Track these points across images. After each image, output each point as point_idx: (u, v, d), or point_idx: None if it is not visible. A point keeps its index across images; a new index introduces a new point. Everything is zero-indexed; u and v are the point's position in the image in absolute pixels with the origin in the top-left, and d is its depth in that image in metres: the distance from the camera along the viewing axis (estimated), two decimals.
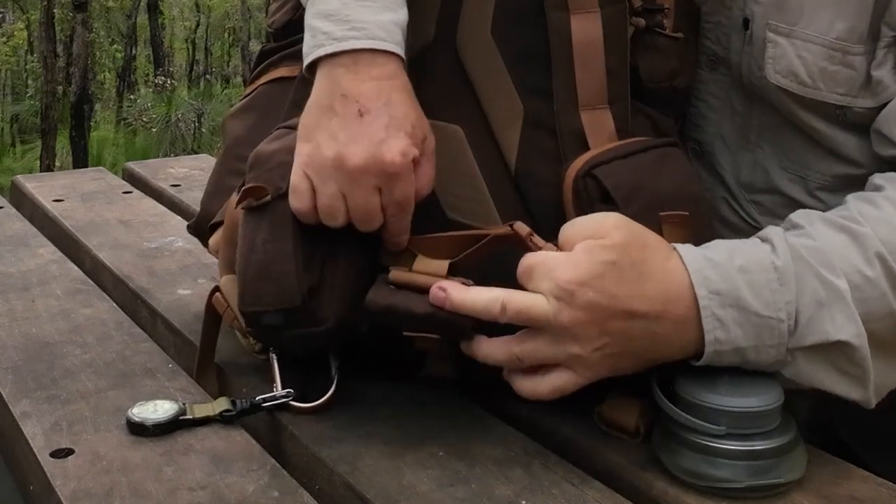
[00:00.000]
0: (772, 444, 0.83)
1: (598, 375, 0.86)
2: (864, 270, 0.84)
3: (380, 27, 0.88)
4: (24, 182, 1.85)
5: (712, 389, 0.85)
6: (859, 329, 0.84)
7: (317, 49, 0.88)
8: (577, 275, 0.82)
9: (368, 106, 0.86)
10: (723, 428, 0.83)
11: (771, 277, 0.84)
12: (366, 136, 0.85)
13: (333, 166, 0.86)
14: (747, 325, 0.83)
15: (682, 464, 0.85)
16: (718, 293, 0.83)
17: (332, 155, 0.86)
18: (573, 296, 0.81)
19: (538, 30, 0.93)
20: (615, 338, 0.83)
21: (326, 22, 0.88)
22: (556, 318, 0.82)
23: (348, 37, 0.87)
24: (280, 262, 0.89)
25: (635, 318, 0.83)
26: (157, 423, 0.93)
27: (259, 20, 15.54)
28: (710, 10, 1.03)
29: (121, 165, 2.52)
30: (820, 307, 0.84)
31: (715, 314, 0.83)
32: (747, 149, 1.05)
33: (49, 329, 1.18)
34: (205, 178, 1.24)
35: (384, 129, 0.86)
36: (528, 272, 0.84)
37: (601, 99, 0.95)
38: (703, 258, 0.85)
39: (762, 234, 0.89)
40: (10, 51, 14.65)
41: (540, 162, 0.94)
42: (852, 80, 0.93)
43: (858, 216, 0.87)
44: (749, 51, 0.99)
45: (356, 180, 0.86)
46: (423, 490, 0.85)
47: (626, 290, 0.82)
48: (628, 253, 0.84)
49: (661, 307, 0.83)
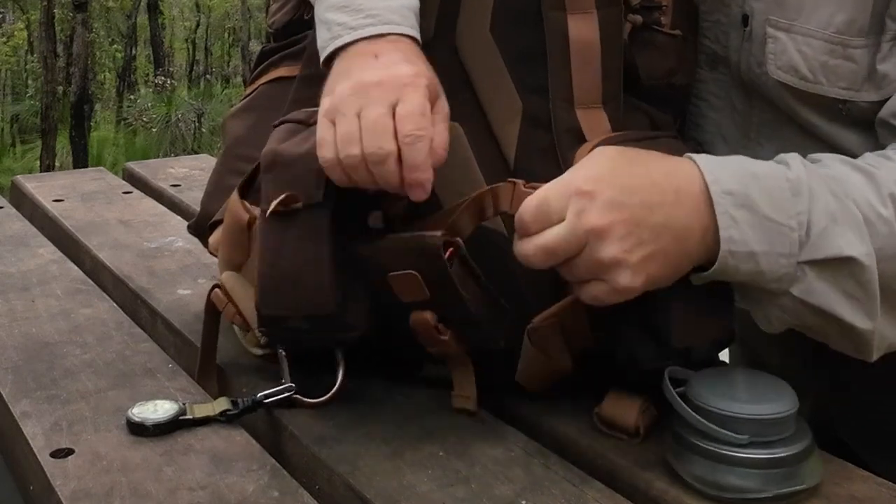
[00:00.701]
0: (793, 450, 0.83)
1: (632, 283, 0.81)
2: (877, 208, 0.84)
3: (393, 12, 0.89)
4: (24, 182, 1.85)
5: (731, 397, 0.83)
6: (869, 249, 0.83)
7: (334, 40, 0.90)
8: (590, 174, 0.81)
9: (384, 52, 0.88)
10: (746, 437, 0.82)
11: (783, 186, 0.83)
12: (380, 66, 0.87)
13: (350, 93, 0.86)
14: (759, 228, 0.82)
15: (703, 475, 0.83)
16: (731, 193, 0.82)
17: (348, 86, 0.86)
18: (593, 196, 0.80)
19: (537, 28, 0.94)
20: (642, 232, 0.81)
21: (340, 13, 0.90)
22: (582, 221, 0.80)
23: (364, 24, 0.89)
24: (314, 271, 0.89)
25: (654, 209, 0.81)
26: (157, 423, 0.93)
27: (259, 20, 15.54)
28: (708, 9, 1.03)
29: (121, 165, 2.52)
30: (833, 222, 0.83)
31: (729, 212, 0.82)
32: (747, 147, 1.05)
33: (49, 329, 1.18)
34: (205, 178, 1.24)
35: (399, 62, 0.87)
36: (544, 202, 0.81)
37: (596, 98, 0.95)
38: (715, 161, 0.85)
39: (777, 158, 0.88)
40: (10, 51, 14.65)
41: (539, 159, 0.95)
42: (854, 74, 0.93)
43: (874, 162, 0.88)
44: (748, 48, 0.99)
45: (371, 96, 0.85)
46: (423, 490, 0.85)
47: (638, 182, 0.82)
48: (626, 153, 0.84)
49: (674, 196, 0.82)
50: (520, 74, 0.95)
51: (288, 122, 0.97)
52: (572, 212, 0.80)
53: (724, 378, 0.87)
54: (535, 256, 0.82)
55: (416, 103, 0.85)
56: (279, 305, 0.91)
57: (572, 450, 0.93)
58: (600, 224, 0.79)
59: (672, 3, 0.99)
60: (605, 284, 0.81)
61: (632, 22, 0.96)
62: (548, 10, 0.93)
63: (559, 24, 0.94)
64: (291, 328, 0.92)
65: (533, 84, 0.95)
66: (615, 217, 0.80)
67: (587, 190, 0.80)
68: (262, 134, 1.08)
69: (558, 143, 0.95)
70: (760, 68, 0.98)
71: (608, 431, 0.93)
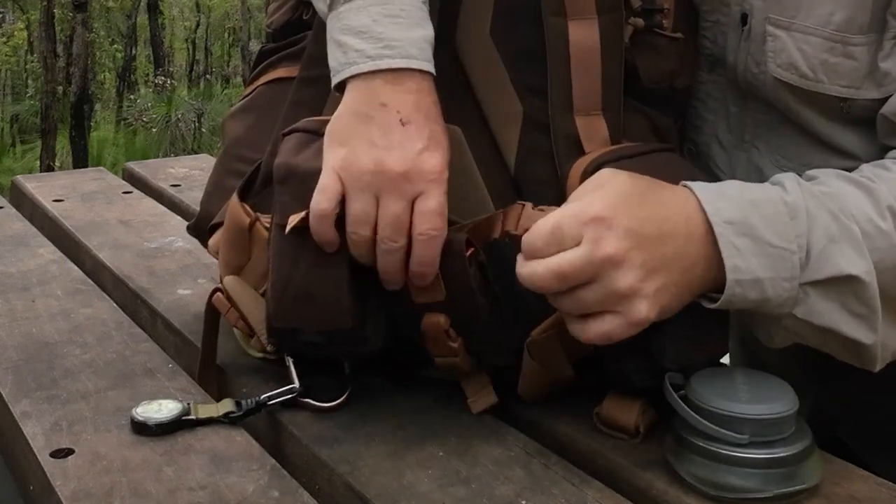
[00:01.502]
0: (794, 450, 0.83)
1: (647, 315, 0.81)
2: (876, 221, 0.85)
3: (412, 45, 0.87)
4: (24, 182, 1.85)
5: (732, 397, 0.84)
6: (869, 266, 0.84)
7: (350, 66, 0.88)
8: (605, 204, 0.80)
9: (410, 116, 0.86)
10: (746, 437, 0.82)
11: (781, 211, 0.84)
12: (408, 143, 0.85)
13: (372, 172, 0.84)
14: (762, 255, 0.82)
15: (703, 475, 0.83)
16: (732, 222, 0.83)
17: (370, 160, 0.84)
18: (611, 224, 0.79)
19: (537, 31, 0.93)
20: (656, 262, 0.81)
21: (357, 39, 0.87)
22: (599, 248, 0.79)
23: (383, 55, 0.86)
24: (332, 288, 0.88)
25: (666, 239, 0.81)
26: (159, 422, 0.93)
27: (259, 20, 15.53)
28: (708, 9, 1.03)
29: (121, 165, 2.52)
30: (832, 241, 0.83)
31: (732, 242, 0.82)
32: (742, 148, 1.05)
33: (49, 329, 1.18)
34: (205, 178, 1.24)
35: (426, 139, 0.86)
36: (557, 228, 0.80)
37: (595, 105, 0.95)
38: (714, 191, 0.84)
39: (773, 179, 0.89)
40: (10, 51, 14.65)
41: (539, 162, 0.95)
42: (855, 72, 0.93)
43: (872, 175, 0.88)
44: (746, 47, 0.99)
45: (395, 186, 0.84)
46: (423, 490, 0.85)
47: (650, 212, 0.82)
48: (637, 183, 0.84)
49: (684, 228, 0.82)
50: (520, 76, 0.94)
51: (298, 131, 0.95)
52: (589, 238, 0.79)
53: (724, 378, 0.87)
54: (544, 279, 0.81)
55: (436, 202, 0.85)
56: (293, 319, 0.90)
57: (572, 450, 0.93)
58: (618, 252, 0.79)
59: (674, 6, 0.99)
60: (618, 318, 0.81)
61: (633, 25, 0.96)
62: (548, 15, 0.93)
63: (560, 30, 0.93)
64: (305, 342, 0.92)
65: (531, 85, 0.94)
66: (631, 246, 0.79)
67: (604, 217, 0.80)
68: (261, 134, 1.08)
69: (556, 149, 0.94)
70: (759, 67, 0.98)
71: (608, 431, 0.93)
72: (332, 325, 0.89)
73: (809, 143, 1.00)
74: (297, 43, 1.14)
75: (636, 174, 0.85)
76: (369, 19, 0.87)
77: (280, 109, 1.05)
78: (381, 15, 0.87)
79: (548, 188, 0.94)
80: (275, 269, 0.90)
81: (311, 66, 1.04)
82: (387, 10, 0.88)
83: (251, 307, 1.00)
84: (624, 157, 0.92)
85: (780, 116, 1.00)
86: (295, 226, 0.88)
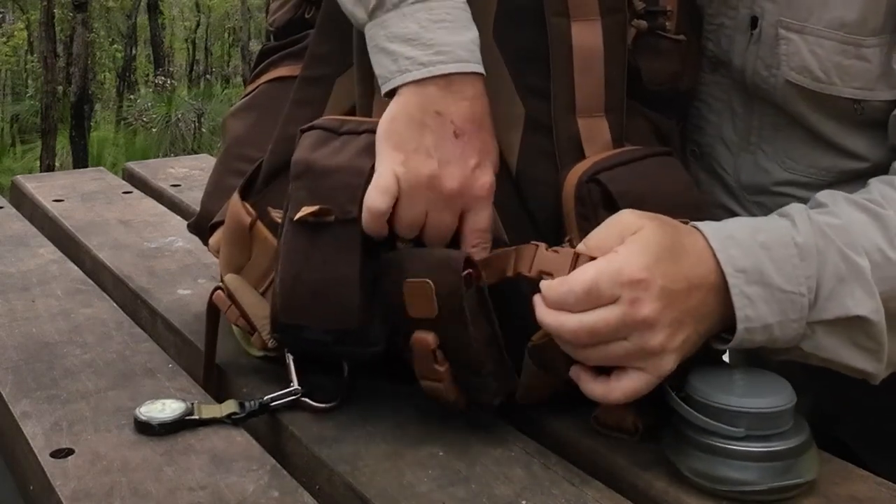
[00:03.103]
0: (790, 444, 0.83)
1: (671, 367, 0.82)
2: (885, 250, 0.85)
3: (462, 48, 0.88)
4: (24, 182, 1.85)
5: (728, 391, 0.84)
6: (878, 305, 0.84)
7: (402, 74, 0.88)
8: (642, 264, 0.80)
9: (464, 127, 0.87)
10: (742, 430, 0.82)
11: (792, 253, 0.84)
12: (462, 158, 0.87)
13: (428, 185, 0.86)
14: (772, 301, 0.83)
15: (700, 468, 0.84)
16: (744, 271, 0.83)
17: (427, 173, 0.86)
18: (648, 286, 0.80)
19: (539, 32, 0.93)
20: (683, 316, 0.82)
21: (407, 46, 0.87)
22: (636, 311, 0.80)
23: (435, 61, 0.87)
24: (343, 286, 0.89)
25: (692, 292, 0.82)
26: (162, 422, 0.93)
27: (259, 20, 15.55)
28: (713, 12, 1.03)
29: (121, 165, 2.52)
30: (841, 282, 0.84)
31: (743, 292, 0.83)
32: (748, 150, 1.05)
33: (49, 329, 1.18)
34: (205, 178, 1.23)
35: (478, 154, 0.88)
36: (594, 287, 0.80)
37: (598, 107, 0.94)
38: (726, 236, 0.85)
39: (782, 211, 0.89)
40: (10, 51, 14.65)
41: (540, 164, 0.94)
42: (868, 73, 0.93)
43: (881, 198, 0.88)
44: (755, 51, 0.99)
45: (447, 203, 0.87)
46: (423, 490, 0.85)
47: (680, 267, 0.82)
48: (666, 232, 0.84)
49: (704, 279, 0.83)
50: (521, 77, 0.94)
51: (317, 128, 0.95)
52: (626, 299, 0.80)
53: (721, 372, 0.87)
54: (575, 334, 0.81)
55: (485, 220, 0.89)
56: (301, 315, 0.91)
57: (572, 450, 0.93)
58: (654, 315, 0.80)
59: (677, 8, 0.99)
60: (645, 374, 0.82)
61: (636, 27, 0.96)
62: (551, 16, 0.93)
63: (562, 31, 0.93)
64: (310, 339, 0.92)
65: (534, 87, 0.94)
66: (665, 305, 0.80)
67: (642, 279, 0.80)
68: (263, 133, 1.08)
69: (558, 150, 0.94)
70: (769, 71, 0.98)
71: (607, 432, 0.93)
72: (339, 323, 0.90)
73: (817, 145, 1.00)
74: (299, 42, 1.14)
75: (661, 222, 0.84)
76: (417, 26, 0.87)
77: (282, 108, 1.05)
78: (428, 21, 0.88)
79: (548, 189, 0.93)
80: (285, 264, 0.91)
81: (313, 65, 1.04)
82: (433, 15, 0.88)
83: (252, 305, 1.00)
84: (619, 164, 0.92)
85: (788, 118, 1.00)
86: (304, 218, 0.88)
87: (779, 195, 1.03)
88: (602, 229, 0.85)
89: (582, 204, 0.90)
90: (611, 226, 0.85)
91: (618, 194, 0.89)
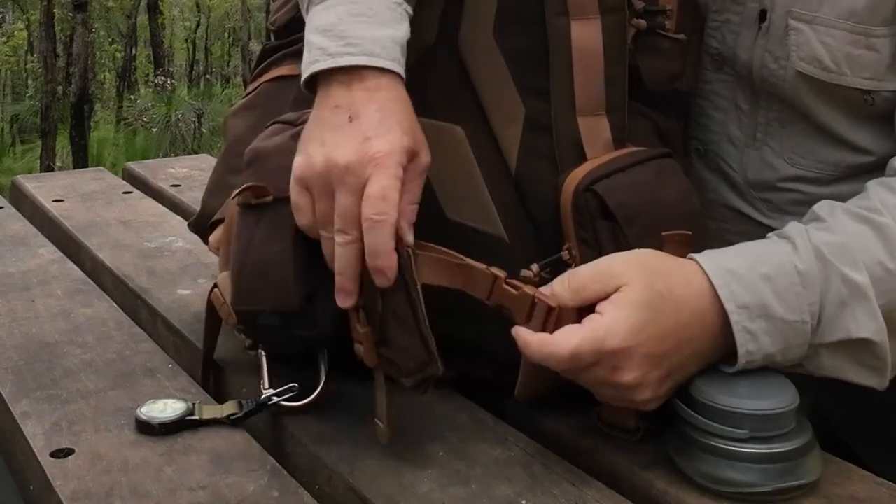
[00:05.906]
0: (793, 446, 0.83)
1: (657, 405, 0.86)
2: (885, 263, 0.85)
3: (375, 43, 0.86)
4: (24, 182, 1.85)
5: (732, 393, 0.84)
6: (880, 325, 0.85)
7: (312, 65, 0.87)
8: (624, 335, 0.81)
9: (359, 111, 0.84)
10: (745, 431, 0.82)
11: (794, 281, 0.85)
12: (353, 137, 0.83)
13: (323, 171, 0.83)
14: (775, 332, 0.84)
15: (704, 469, 0.84)
16: (747, 307, 0.84)
17: (321, 160, 0.84)
18: (630, 356, 0.81)
19: (540, 31, 0.93)
20: (674, 369, 0.84)
21: (322, 37, 0.87)
22: (617, 378, 0.82)
23: (343, 53, 0.85)
24: (279, 265, 0.89)
25: (684, 347, 0.84)
26: (163, 422, 0.93)
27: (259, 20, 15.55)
28: (718, 9, 1.03)
29: (121, 165, 2.52)
30: (842, 306, 0.85)
31: (746, 328, 0.84)
32: (754, 146, 1.04)
33: (49, 329, 1.18)
34: (205, 178, 1.24)
35: (374, 128, 0.83)
36: (576, 355, 0.81)
37: (599, 106, 0.94)
38: (726, 271, 0.85)
39: (782, 232, 0.89)
40: (10, 51, 14.66)
41: (540, 163, 0.94)
42: (878, 63, 0.93)
43: (880, 205, 0.88)
44: (763, 43, 0.98)
45: (341, 180, 0.83)
46: (423, 490, 0.85)
47: (668, 327, 0.83)
48: (654, 288, 0.83)
49: (700, 330, 0.84)
50: (522, 77, 0.94)
51: (278, 122, 0.98)
52: (608, 367, 0.82)
53: (724, 374, 0.87)
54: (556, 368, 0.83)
55: (378, 186, 0.82)
56: (251, 300, 0.91)
57: (572, 450, 0.93)
58: (636, 380, 0.82)
59: (677, 7, 0.99)
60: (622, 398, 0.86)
61: (636, 27, 0.95)
62: (551, 15, 0.92)
63: (562, 30, 0.92)
64: (264, 325, 0.92)
65: (534, 86, 0.94)
66: (650, 369, 0.82)
67: (623, 348, 0.81)
68: None
69: (558, 150, 0.94)
70: (778, 63, 0.98)
71: (608, 431, 0.93)
72: (281, 303, 0.89)
73: (824, 139, 1.00)
74: (301, 41, 1.14)
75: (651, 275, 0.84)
76: (336, 18, 0.87)
77: (283, 107, 1.05)
78: (346, 14, 0.87)
79: (549, 190, 0.93)
80: (236, 250, 0.92)
81: None
82: (354, 9, 0.87)
83: None
84: (616, 171, 0.91)
85: (794, 114, 1.00)
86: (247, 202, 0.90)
87: (786, 191, 1.03)
88: (588, 272, 0.85)
89: (579, 213, 0.90)
90: (598, 271, 0.84)
91: (615, 207, 0.89)
